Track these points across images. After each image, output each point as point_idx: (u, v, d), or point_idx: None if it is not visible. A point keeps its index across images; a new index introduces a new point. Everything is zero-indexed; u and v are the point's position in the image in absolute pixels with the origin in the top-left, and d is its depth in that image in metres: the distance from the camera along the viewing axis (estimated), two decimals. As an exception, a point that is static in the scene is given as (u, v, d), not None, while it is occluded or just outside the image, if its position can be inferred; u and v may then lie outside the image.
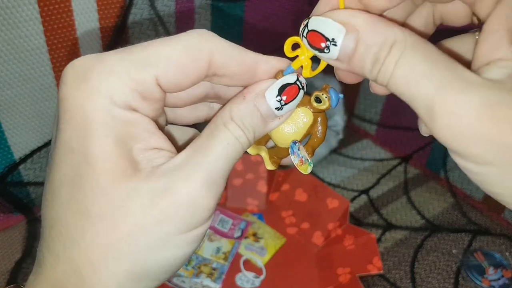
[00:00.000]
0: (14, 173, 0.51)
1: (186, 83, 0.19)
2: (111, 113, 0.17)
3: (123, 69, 0.17)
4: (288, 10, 0.61)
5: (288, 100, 0.20)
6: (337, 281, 0.48)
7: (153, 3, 0.50)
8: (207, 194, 0.18)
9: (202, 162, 0.18)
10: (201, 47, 0.19)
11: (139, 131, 0.18)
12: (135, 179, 0.18)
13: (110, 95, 0.17)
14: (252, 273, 0.50)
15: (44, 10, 0.43)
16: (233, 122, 0.19)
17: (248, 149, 0.21)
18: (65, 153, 0.18)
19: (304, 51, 0.20)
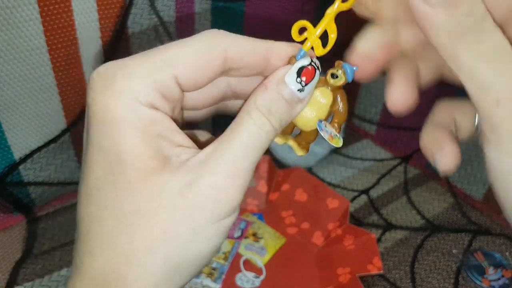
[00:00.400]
0: (14, 173, 0.51)
1: (203, 81, 0.20)
2: (137, 112, 0.18)
3: (145, 71, 0.19)
4: (289, 10, 0.61)
5: (307, 80, 0.20)
6: (337, 281, 0.48)
7: (153, 3, 0.50)
8: (232, 184, 0.19)
9: (226, 154, 0.19)
10: (215, 46, 0.20)
11: (164, 129, 0.19)
12: (165, 175, 0.19)
13: (135, 96, 0.18)
14: (252, 273, 0.50)
15: (44, 10, 0.43)
16: (258, 110, 0.20)
17: (276, 139, 0.22)
18: (97, 154, 0.19)
19: (311, 32, 0.21)
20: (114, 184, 0.19)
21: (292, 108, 0.20)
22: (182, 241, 0.19)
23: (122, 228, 0.19)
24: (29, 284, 0.47)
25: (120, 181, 0.18)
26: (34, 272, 0.48)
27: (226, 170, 0.19)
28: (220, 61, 0.20)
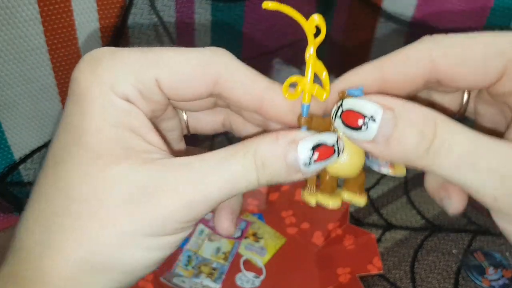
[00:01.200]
0: (14, 173, 0.51)
1: (187, 94, 0.19)
2: (109, 99, 0.18)
3: (129, 65, 0.18)
4: (288, 10, 0.61)
5: (319, 159, 0.18)
6: (337, 281, 0.48)
7: (153, 3, 0.50)
8: (185, 214, 0.18)
9: (197, 181, 0.18)
10: (208, 64, 0.19)
11: (136, 124, 0.18)
12: (125, 168, 0.18)
13: (111, 83, 0.18)
14: (252, 273, 0.50)
15: (44, 10, 0.43)
16: (253, 157, 0.18)
17: (329, 202, 0.20)
18: (63, 129, 0.18)
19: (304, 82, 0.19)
20: (68, 162, 0.18)
21: (288, 174, 0.19)
22: (114, 242, 0.17)
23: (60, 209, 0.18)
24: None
25: (75, 160, 0.18)
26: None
27: (186, 194, 0.17)
28: (209, 80, 0.19)
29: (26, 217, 0.19)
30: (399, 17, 0.56)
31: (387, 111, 0.17)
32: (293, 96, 0.19)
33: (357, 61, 0.62)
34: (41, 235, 0.18)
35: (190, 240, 0.52)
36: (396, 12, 0.57)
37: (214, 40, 0.58)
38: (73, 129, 0.18)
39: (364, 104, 0.17)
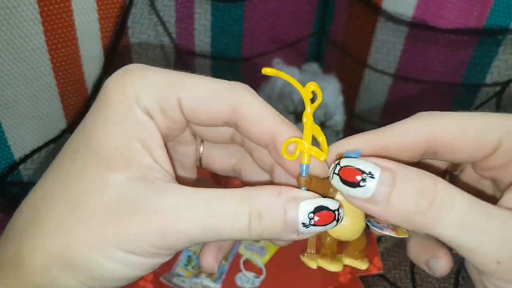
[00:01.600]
0: (14, 173, 0.51)
1: (205, 117, 0.20)
2: (130, 109, 0.19)
3: (155, 82, 0.19)
4: (288, 10, 0.61)
5: (318, 222, 0.18)
6: (337, 281, 0.48)
7: (153, 3, 0.50)
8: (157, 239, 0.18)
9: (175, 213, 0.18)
10: (230, 92, 0.20)
11: (147, 138, 0.19)
12: (121, 176, 0.18)
13: (136, 96, 0.19)
14: (252, 273, 0.50)
15: (44, 10, 0.43)
16: (249, 205, 0.18)
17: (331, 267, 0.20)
18: (81, 128, 0.20)
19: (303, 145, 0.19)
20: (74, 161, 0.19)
21: (284, 232, 0.18)
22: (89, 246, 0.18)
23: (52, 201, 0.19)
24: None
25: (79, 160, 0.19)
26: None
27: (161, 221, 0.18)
28: (228, 107, 0.20)
29: (23, 202, 0.20)
30: (399, 17, 0.56)
31: (386, 170, 0.17)
32: (292, 157, 0.19)
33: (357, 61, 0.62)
34: (28, 222, 0.19)
35: (190, 240, 0.52)
36: (396, 12, 0.57)
37: (214, 40, 0.58)
38: (88, 130, 0.19)
39: (362, 163, 0.17)
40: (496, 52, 0.52)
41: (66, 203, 0.18)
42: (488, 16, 0.50)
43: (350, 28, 0.63)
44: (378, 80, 0.63)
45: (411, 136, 0.19)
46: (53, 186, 0.19)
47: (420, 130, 0.19)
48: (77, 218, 0.18)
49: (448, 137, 0.19)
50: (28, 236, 0.19)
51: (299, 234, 0.18)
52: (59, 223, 0.18)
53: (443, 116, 0.20)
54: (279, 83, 0.59)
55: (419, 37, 0.56)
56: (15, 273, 0.19)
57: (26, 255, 0.18)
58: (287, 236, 0.18)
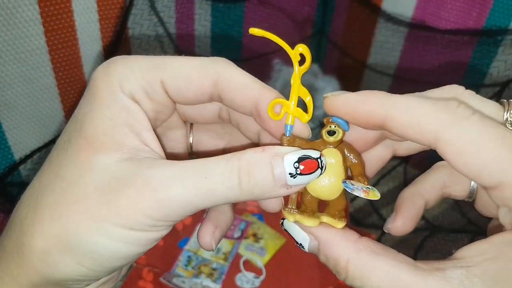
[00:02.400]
0: (14, 174, 0.51)
1: (190, 96, 0.21)
2: (115, 96, 0.20)
3: (136, 67, 0.20)
4: (287, 11, 0.61)
5: (304, 171, 0.19)
6: (337, 281, 0.48)
7: (153, 4, 0.50)
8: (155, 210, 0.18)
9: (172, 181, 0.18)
10: (209, 68, 0.20)
11: (134, 121, 0.20)
12: (110, 157, 0.19)
13: (120, 82, 0.20)
14: (252, 273, 0.50)
15: (45, 10, 0.43)
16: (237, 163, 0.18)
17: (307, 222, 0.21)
18: (71, 119, 0.21)
19: (287, 105, 0.20)
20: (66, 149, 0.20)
21: (273, 186, 0.19)
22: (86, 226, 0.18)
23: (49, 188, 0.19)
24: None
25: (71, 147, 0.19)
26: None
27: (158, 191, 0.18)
28: (209, 82, 0.20)
29: (22, 195, 0.21)
30: (399, 18, 0.56)
31: (312, 243, 0.21)
32: (277, 117, 0.20)
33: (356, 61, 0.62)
34: (28, 210, 0.19)
35: (190, 241, 0.52)
36: (395, 12, 0.57)
37: (214, 40, 0.58)
38: (77, 119, 0.20)
39: (297, 232, 0.21)
40: (495, 52, 0.52)
41: (59, 188, 0.19)
42: (487, 17, 0.50)
43: (350, 29, 0.63)
44: (378, 81, 0.63)
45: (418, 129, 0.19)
46: (48, 175, 0.20)
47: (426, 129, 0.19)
48: (71, 200, 0.18)
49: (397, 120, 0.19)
50: (27, 223, 0.19)
51: (288, 188, 0.19)
52: (54, 207, 0.19)
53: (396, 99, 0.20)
54: (279, 83, 0.59)
55: (419, 37, 0.56)
56: (17, 261, 0.19)
57: (26, 242, 0.19)
58: (277, 191, 0.19)
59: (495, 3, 0.49)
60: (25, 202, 0.20)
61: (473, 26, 0.52)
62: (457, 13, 0.52)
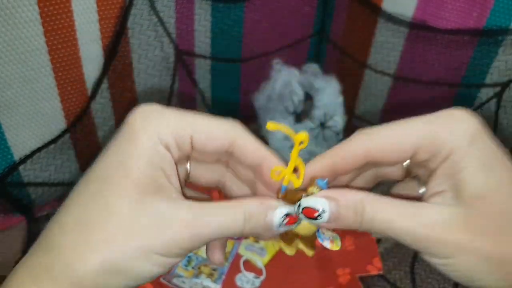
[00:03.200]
0: (14, 174, 0.51)
1: (210, 150, 0.26)
2: (155, 145, 0.24)
3: (173, 120, 0.25)
4: (288, 11, 0.61)
5: (287, 224, 0.25)
6: (337, 281, 0.48)
7: (153, 4, 0.50)
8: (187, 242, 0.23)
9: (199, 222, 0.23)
10: (229, 130, 0.26)
11: (167, 167, 0.24)
12: (151, 198, 0.23)
13: (158, 135, 0.24)
14: (252, 273, 0.50)
15: (44, 11, 0.43)
16: (243, 212, 0.24)
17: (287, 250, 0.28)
18: (113, 153, 0.24)
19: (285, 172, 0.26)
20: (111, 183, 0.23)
21: (264, 230, 0.25)
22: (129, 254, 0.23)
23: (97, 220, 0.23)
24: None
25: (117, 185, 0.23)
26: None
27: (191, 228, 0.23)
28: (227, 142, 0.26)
29: (61, 219, 0.24)
30: (399, 18, 0.57)
31: (332, 202, 0.25)
32: (277, 178, 0.27)
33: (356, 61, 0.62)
34: (76, 236, 0.23)
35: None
36: (396, 12, 0.57)
37: (214, 40, 0.58)
38: (121, 158, 0.24)
39: (316, 201, 0.25)
40: (496, 52, 0.52)
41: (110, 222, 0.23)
42: (488, 16, 0.51)
43: (350, 28, 0.63)
44: (378, 81, 0.64)
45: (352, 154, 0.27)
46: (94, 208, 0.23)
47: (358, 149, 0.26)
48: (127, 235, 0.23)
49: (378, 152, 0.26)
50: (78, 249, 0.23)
51: (275, 232, 0.26)
52: (106, 238, 0.22)
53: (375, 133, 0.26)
54: (279, 85, 0.59)
55: (419, 37, 0.56)
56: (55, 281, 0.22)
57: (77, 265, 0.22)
58: (266, 233, 0.26)
59: (496, 3, 0.49)
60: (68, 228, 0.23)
61: (474, 26, 0.52)
62: (457, 13, 0.53)
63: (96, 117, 0.54)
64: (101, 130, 0.55)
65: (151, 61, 0.54)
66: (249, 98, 0.63)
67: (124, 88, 0.54)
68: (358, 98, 0.68)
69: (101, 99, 0.52)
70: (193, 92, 0.62)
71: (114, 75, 0.52)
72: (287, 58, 0.65)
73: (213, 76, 0.62)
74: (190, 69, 0.59)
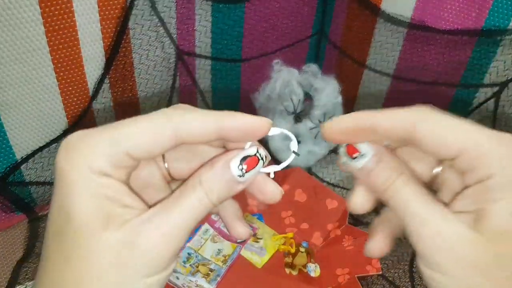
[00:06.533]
0: (16, 173, 0.51)
1: (154, 153, 0.23)
2: (88, 178, 0.22)
3: (101, 146, 0.22)
4: (288, 11, 0.61)
5: (248, 169, 0.23)
6: (336, 281, 0.49)
7: (154, 4, 0.50)
8: (165, 247, 0.22)
9: (165, 218, 0.22)
10: (165, 126, 0.23)
11: (113, 193, 0.22)
12: (108, 231, 0.21)
13: (88, 165, 0.22)
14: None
15: (46, 11, 0.44)
16: (201, 186, 0.23)
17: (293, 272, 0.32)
18: (54, 211, 0.22)
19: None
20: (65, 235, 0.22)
21: (231, 188, 0.23)
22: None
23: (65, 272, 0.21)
24: (31, 283, 0.47)
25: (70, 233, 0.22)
26: (36, 271, 0.48)
27: (161, 233, 0.22)
28: (170, 138, 0.23)
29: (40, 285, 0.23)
30: (398, 18, 0.57)
31: (376, 156, 0.24)
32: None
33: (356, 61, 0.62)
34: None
35: (193, 238, 0.52)
36: (395, 13, 0.57)
37: (214, 40, 0.58)
38: (62, 209, 0.22)
39: (363, 145, 0.24)
40: (495, 52, 0.52)
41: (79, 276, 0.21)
42: (487, 17, 0.51)
43: (349, 29, 0.63)
44: (377, 81, 0.64)
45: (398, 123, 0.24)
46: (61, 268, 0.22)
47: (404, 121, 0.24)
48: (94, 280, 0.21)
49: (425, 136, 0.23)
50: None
51: (243, 183, 0.24)
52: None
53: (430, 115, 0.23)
54: (279, 84, 0.60)
55: (418, 37, 0.56)
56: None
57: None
58: (235, 189, 0.24)
59: (494, 3, 0.49)
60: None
61: (472, 26, 0.52)
62: (456, 14, 0.53)
63: (98, 117, 0.54)
64: (102, 129, 0.56)
65: (152, 61, 0.54)
66: (249, 98, 0.63)
67: (125, 88, 0.54)
68: (357, 98, 0.68)
69: (103, 99, 0.53)
70: (194, 91, 0.62)
71: (115, 75, 0.52)
72: (286, 58, 0.66)
73: (214, 76, 0.62)
74: (191, 69, 0.59)
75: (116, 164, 0.22)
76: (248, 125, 0.24)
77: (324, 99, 0.59)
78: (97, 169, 0.22)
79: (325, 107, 0.58)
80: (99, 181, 0.22)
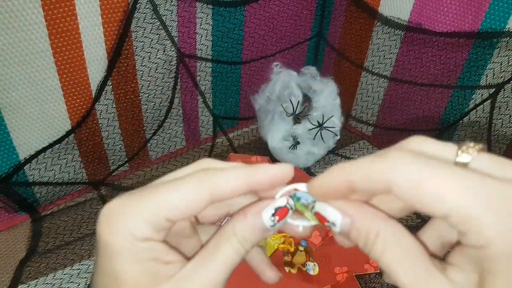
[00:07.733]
0: (19, 173, 0.51)
1: (191, 215, 0.24)
2: (133, 245, 0.23)
3: (141, 214, 0.23)
4: (288, 15, 0.62)
5: (279, 219, 0.24)
6: (335, 280, 0.49)
7: (156, 8, 0.50)
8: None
9: (205, 270, 0.24)
10: (201, 191, 0.24)
11: (155, 254, 0.24)
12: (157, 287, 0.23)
13: (132, 233, 0.23)
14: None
15: (49, 14, 0.44)
16: (235, 237, 0.24)
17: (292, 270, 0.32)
18: (101, 276, 0.24)
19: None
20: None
21: (263, 236, 0.24)
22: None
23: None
24: (33, 282, 0.48)
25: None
26: (38, 270, 0.49)
27: (203, 285, 0.23)
28: (206, 202, 0.24)
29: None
30: (396, 21, 0.57)
31: (345, 219, 0.22)
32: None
33: (353, 64, 0.62)
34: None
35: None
36: (392, 15, 0.57)
37: (215, 43, 0.58)
38: (109, 274, 0.23)
39: (330, 212, 0.23)
40: (491, 54, 0.52)
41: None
42: (483, 19, 0.51)
43: (347, 31, 0.64)
44: (375, 82, 0.64)
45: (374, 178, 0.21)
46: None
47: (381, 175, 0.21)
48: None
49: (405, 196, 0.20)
50: None
51: (273, 230, 0.24)
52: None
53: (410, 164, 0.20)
54: (278, 86, 0.60)
55: (415, 40, 0.57)
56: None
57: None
58: (266, 236, 0.25)
59: (491, 6, 0.50)
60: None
61: (469, 28, 0.52)
62: (453, 16, 0.53)
63: (100, 118, 0.54)
64: (105, 131, 0.56)
65: (153, 64, 0.54)
66: (249, 99, 0.64)
67: (128, 89, 0.54)
68: (355, 100, 0.69)
69: (105, 101, 0.53)
70: (195, 93, 0.62)
71: (118, 77, 0.52)
72: (286, 60, 0.66)
73: (214, 78, 0.62)
74: (192, 71, 0.59)
75: (157, 228, 0.23)
76: (277, 176, 0.25)
77: (322, 100, 0.59)
78: (140, 236, 0.23)
79: (324, 109, 0.59)
80: (142, 246, 0.23)
